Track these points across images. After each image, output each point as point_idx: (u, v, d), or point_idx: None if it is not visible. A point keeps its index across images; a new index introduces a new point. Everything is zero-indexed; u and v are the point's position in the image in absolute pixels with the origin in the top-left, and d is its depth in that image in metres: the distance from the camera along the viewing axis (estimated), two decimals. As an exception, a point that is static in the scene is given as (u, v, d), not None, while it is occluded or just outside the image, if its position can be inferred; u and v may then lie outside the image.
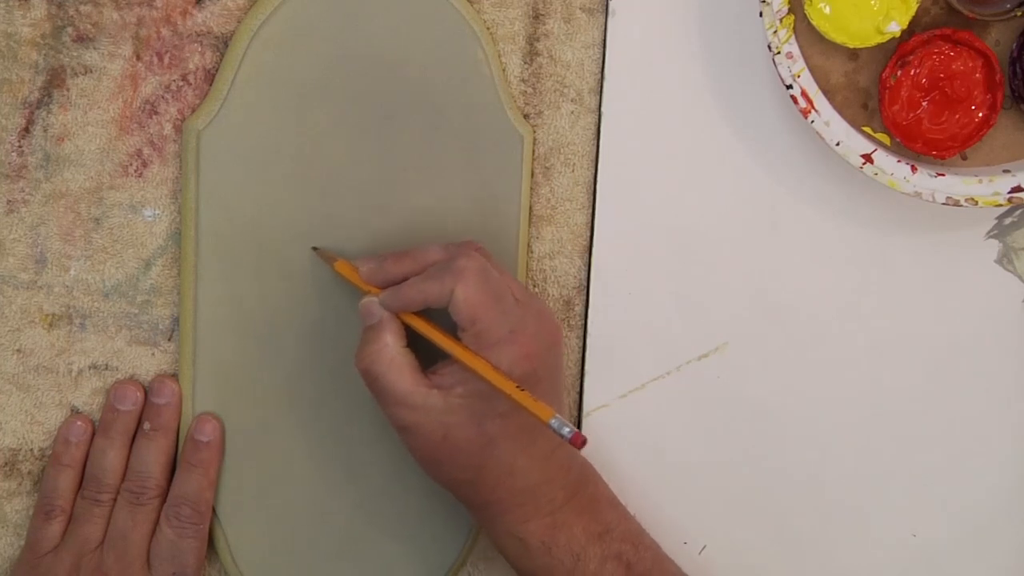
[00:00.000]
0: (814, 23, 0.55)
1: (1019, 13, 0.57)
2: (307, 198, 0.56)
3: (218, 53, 0.56)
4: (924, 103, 0.57)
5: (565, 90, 0.60)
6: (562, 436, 0.47)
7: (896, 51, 0.57)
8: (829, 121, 0.56)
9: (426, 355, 0.54)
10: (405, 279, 0.54)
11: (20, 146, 0.55)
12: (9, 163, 0.55)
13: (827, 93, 0.57)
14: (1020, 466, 0.65)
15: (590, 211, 0.61)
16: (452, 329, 0.53)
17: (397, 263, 0.54)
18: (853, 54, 0.57)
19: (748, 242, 0.62)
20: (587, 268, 0.61)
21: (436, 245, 0.55)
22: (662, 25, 0.60)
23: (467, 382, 0.52)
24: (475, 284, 0.52)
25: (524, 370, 0.51)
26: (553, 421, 0.48)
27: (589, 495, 0.56)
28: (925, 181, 0.57)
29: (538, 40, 0.59)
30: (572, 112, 0.60)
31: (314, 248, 0.57)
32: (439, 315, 0.53)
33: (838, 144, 0.56)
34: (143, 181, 0.56)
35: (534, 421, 0.50)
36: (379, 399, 0.53)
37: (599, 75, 0.60)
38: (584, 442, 0.47)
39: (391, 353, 0.52)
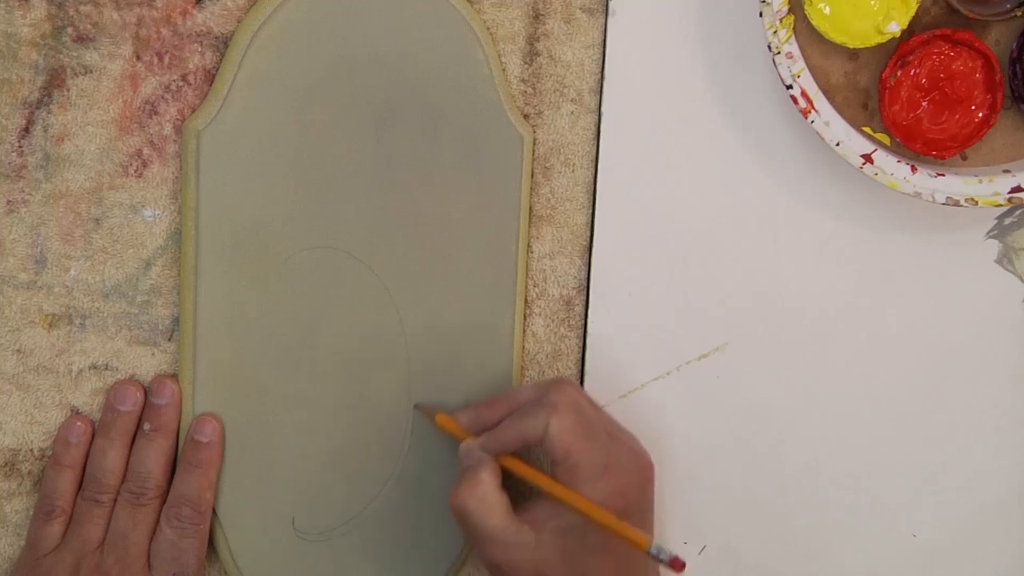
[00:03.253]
0: (814, 23, 0.55)
1: (1019, 13, 0.57)
2: (307, 198, 0.57)
3: (218, 53, 0.56)
4: (924, 103, 0.57)
5: (565, 90, 0.60)
6: (660, 561, 0.47)
7: (896, 51, 0.57)
8: (829, 121, 0.56)
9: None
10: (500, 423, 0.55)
11: (20, 146, 0.55)
12: (9, 163, 0.55)
13: (827, 93, 0.57)
14: (1020, 466, 0.65)
15: (590, 211, 0.61)
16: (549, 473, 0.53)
17: (492, 408, 0.56)
18: (853, 54, 0.57)
19: (748, 242, 0.62)
20: (587, 268, 0.61)
21: (529, 386, 0.56)
22: (662, 25, 0.60)
23: (559, 516, 0.52)
24: (569, 417, 0.52)
25: (617, 505, 0.52)
26: (652, 548, 0.48)
27: None
28: (925, 181, 0.57)
29: (538, 40, 0.59)
30: (572, 112, 0.60)
31: (416, 406, 0.58)
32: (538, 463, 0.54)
33: (838, 144, 0.56)
34: (143, 181, 0.56)
35: (624, 557, 0.51)
36: (471, 537, 0.53)
37: (599, 75, 0.60)
38: (683, 566, 0.47)
39: (485, 491, 0.53)
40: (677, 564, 0.47)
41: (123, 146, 0.56)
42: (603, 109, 0.60)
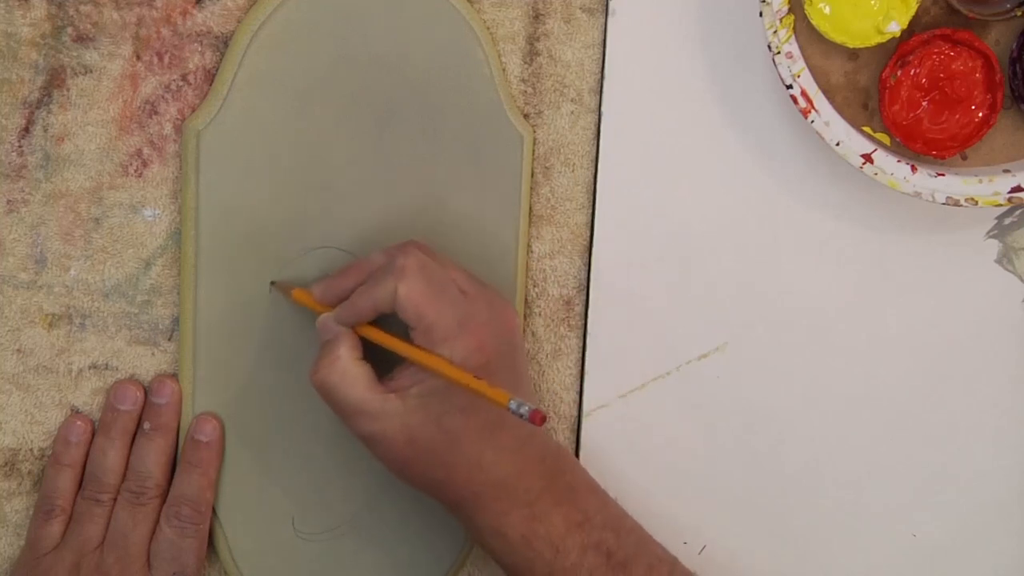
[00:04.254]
0: (814, 23, 0.55)
1: (1019, 13, 0.57)
2: (307, 198, 0.56)
3: (218, 53, 0.56)
4: (924, 103, 0.57)
5: (565, 90, 0.60)
6: (521, 416, 0.46)
7: (896, 51, 0.57)
8: (829, 121, 0.56)
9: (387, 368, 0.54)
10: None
11: (20, 146, 0.55)
12: (9, 163, 0.55)
13: (827, 93, 0.57)
14: (1020, 466, 0.65)
15: (590, 211, 0.61)
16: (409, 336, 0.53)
17: (344, 277, 0.54)
18: (853, 54, 0.57)
19: (748, 242, 0.62)
20: (587, 268, 0.61)
21: (378, 251, 0.55)
22: (662, 25, 0.60)
23: (422, 381, 0.52)
24: (416, 280, 0.51)
25: (478, 361, 0.51)
26: (511, 403, 0.47)
27: (566, 483, 0.55)
28: (925, 181, 0.57)
29: (538, 40, 0.59)
30: (572, 112, 0.60)
31: (272, 283, 0.57)
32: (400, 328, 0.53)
33: (838, 144, 0.56)
34: (143, 181, 0.56)
35: (496, 412, 0.50)
36: (338, 412, 0.53)
37: (599, 75, 0.60)
38: (544, 419, 0.46)
39: (344, 365, 0.52)
40: (537, 417, 0.46)
41: (123, 146, 0.56)
42: (603, 109, 0.60)
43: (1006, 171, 0.57)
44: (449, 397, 0.52)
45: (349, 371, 0.52)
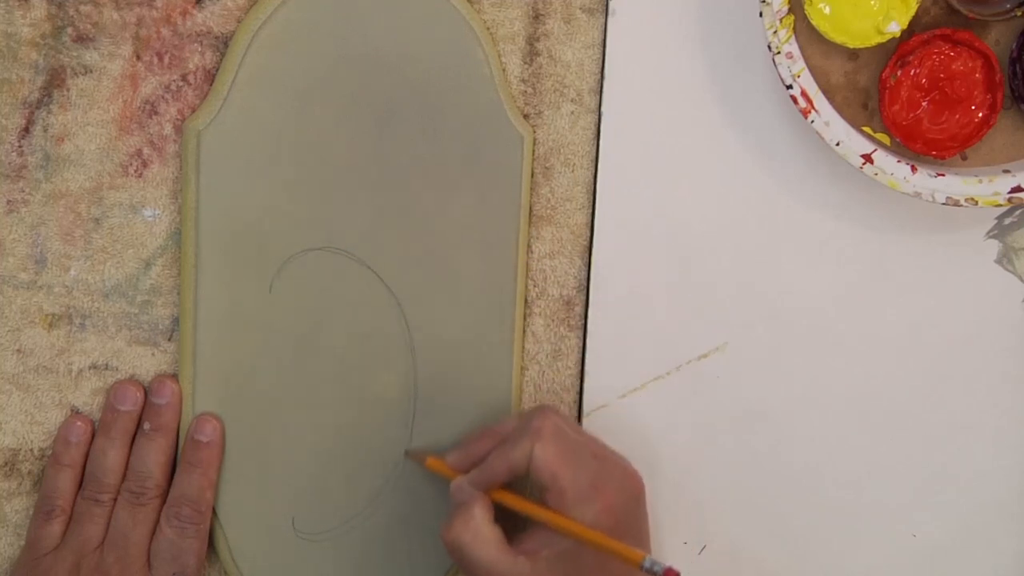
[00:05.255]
0: (814, 23, 0.55)
1: (1019, 13, 0.57)
2: (307, 198, 0.57)
3: (218, 53, 0.56)
4: (924, 103, 0.57)
5: (565, 90, 0.60)
6: (654, 574, 0.47)
7: (896, 51, 0.57)
8: (829, 121, 0.56)
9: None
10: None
11: (20, 146, 0.55)
12: (9, 163, 0.55)
13: (827, 93, 0.57)
14: (1020, 466, 0.65)
15: (590, 211, 0.61)
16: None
17: (479, 443, 0.56)
18: (853, 54, 0.57)
19: (748, 242, 0.62)
20: (587, 268, 0.61)
21: (512, 416, 0.57)
22: (662, 25, 0.60)
23: (553, 544, 0.52)
24: (552, 442, 0.53)
25: (608, 524, 0.52)
26: (645, 562, 0.48)
27: None
28: (925, 181, 0.57)
29: (538, 40, 0.59)
30: (572, 112, 0.60)
31: (406, 452, 0.59)
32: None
33: (838, 144, 0.56)
34: (143, 181, 0.56)
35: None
36: (468, 572, 0.53)
37: (599, 75, 0.60)
38: None
39: (476, 525, 0.53)
40: (671, 575, 0.47)
41: (123, 146, 0.56)
42: (603, 109, 0.60)
43: (1006, 171, 0.57)
44: (579, 560, 0.52)
45: (481, 532, 0.53)
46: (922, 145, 0.57)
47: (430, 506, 0.60)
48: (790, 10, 0.55)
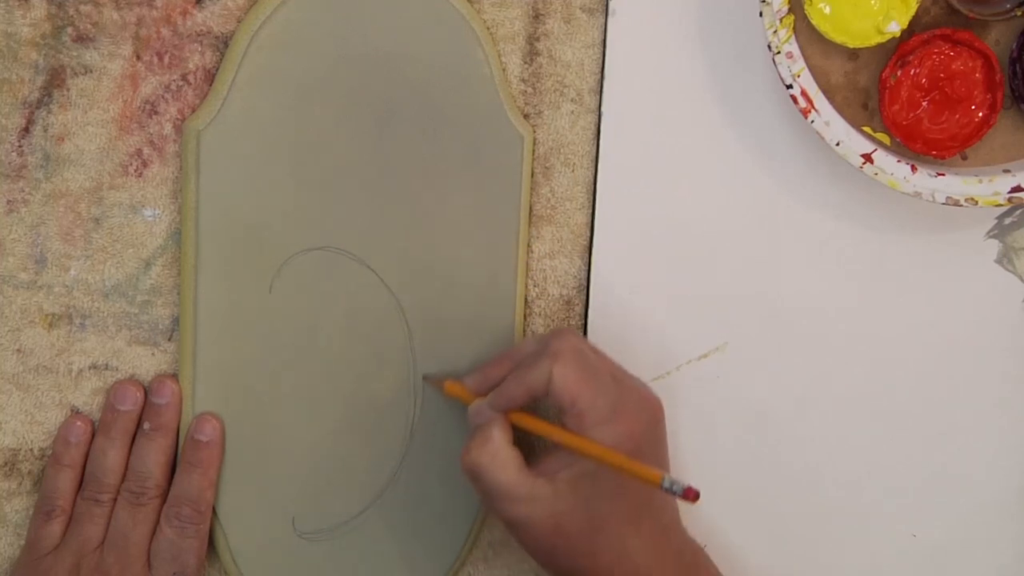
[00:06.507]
0: (814, 23, 0.55)
1: (1019, 13, 0.57)
2: (307, 198, 0.57)
3: (218, 53, 0.56)
4: (924, 103, 0.57)
5: (565, 90, 0.60)
6: (674, 493, 0.47)
7: (896, 51, 0.57)
8: (829, 121, 0.56)
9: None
10: None
11: (20, 146, 0.55)
12: (9, 163, 0.55)
13: (827, 93, 0.57)
14: (1020, 466, 0.65)
15: (590, 211, 0.61)
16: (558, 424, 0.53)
17: (497, 366, 0.55)
18: (853, 54, 0.57)
19: (748, 242, 0.62)
20: (587, 268, 0.61)
21: (530, 338, 0.56)
22: (662, 25, 0.60)
23: (572, 465, 0.52)
24: (571, 363, 0.52)
25: (628, 447, 0.51)
26: (664, 481, 0.47)
27: None
28: (925, 181, 0.57)
29: (538, 40, 0.59)
30: (572, 112, 0.60)
31: (424, 376, 0.58)
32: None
33: (838, 144, 0.56)
34: (143, 181, 0.56)
35: (641, 499, 0.50)
36: (486, 497, 0.53)
37: (599, 75, 0.60)
38: (697, 496, 0.46)
39: (495, 447, 0.52)
40: (691, 494, 0.46)
41: (123, 146, 0.56)
42: (603, 109, 0.60)
43: (1006, 171, 0.57)
44: (598, 482, 0.52)
45: (500, 454, 0.52)
46: (922, 145, 0.57)
47: (430, 506, 0.60)
48: (790, 10, 0.55)
